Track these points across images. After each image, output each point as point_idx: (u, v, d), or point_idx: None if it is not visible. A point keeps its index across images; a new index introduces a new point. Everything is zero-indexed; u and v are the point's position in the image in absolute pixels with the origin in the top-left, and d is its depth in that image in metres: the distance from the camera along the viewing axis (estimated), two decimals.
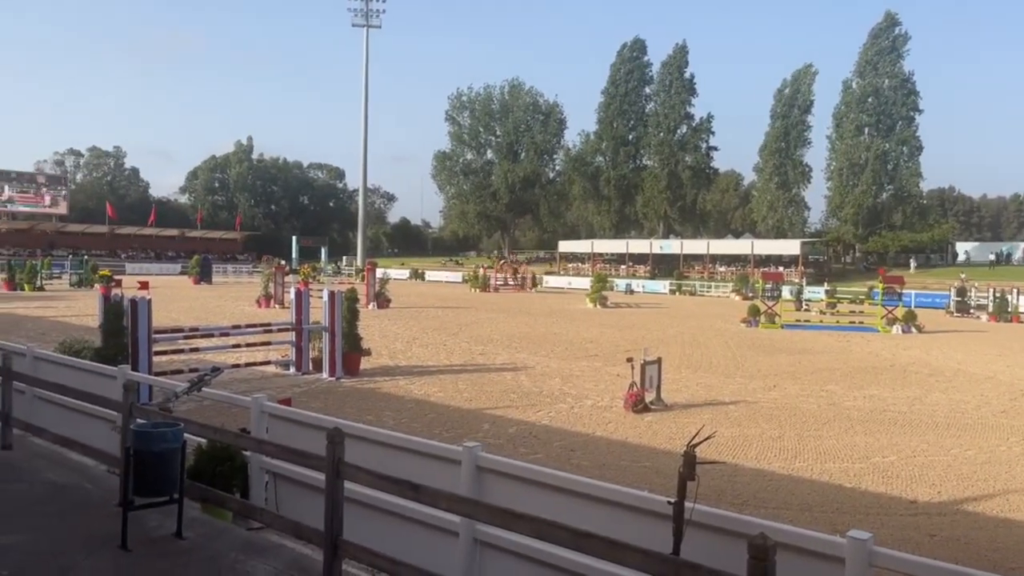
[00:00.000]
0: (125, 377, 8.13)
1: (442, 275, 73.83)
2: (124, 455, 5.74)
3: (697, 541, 3.97)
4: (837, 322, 31.04)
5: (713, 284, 62.37)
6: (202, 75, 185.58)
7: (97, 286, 34.75)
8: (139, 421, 6.07)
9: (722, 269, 69.83)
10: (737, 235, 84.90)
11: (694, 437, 4.42)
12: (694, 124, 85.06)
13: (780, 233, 75.82)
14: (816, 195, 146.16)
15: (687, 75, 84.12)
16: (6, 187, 79.75)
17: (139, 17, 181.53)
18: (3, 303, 31.99)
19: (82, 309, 28.55)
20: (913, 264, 67.44)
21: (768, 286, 31.79)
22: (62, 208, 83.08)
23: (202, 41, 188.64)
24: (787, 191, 77.06)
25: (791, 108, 76.09)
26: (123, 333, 12.45)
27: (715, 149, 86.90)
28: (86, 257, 61.30)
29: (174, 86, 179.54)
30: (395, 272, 65.87)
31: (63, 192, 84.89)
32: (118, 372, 8.58)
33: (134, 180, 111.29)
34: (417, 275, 73.87)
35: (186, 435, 5.79)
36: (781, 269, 58.64)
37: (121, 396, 6.59)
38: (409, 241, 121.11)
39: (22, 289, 40.91)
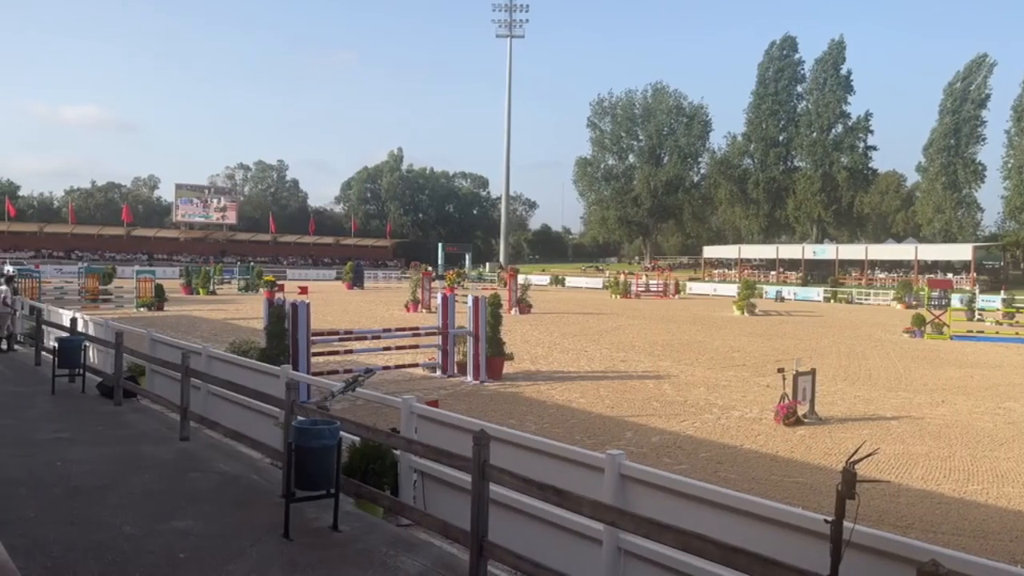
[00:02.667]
0: (287, 376, 8.66)
1: (582, 281, 73.90)
2: (286, 450, 6.11)
3: (857, 564, 3.73)
4: (1016, 334, 28.47)
5: (872, 291, 58.78)
6: (356, 89, 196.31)
7: (262, 291, 37.33)
8: (299, 418, 6.43)
9: (882, 276, 65.86)
10: (899, 239, 79.42)
11: (854, 453, 4.16)
12: (850, 123, 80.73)
13: (948, 237, 70.48)
14: (991, 196, 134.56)
15: (843, 71, 79.99)
16: (185, 200, 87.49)
17: (298, 36, 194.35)
18: (182, 306, 35.08)
19: (249, 312, 30.80)
20: None
21: (935, 294, 29.69)
22: (232, 218, 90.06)
23: (356, 56, 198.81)
24: (956, 192, 71.60)
25: (963, 103, 70.61)
26: (285, 335, 13.30)
27: (874, 148, 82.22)
28: (252, 264, 66.12)
29: (330, 100, 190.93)
30: (536, 278, 66.52)
31: (233, 204, 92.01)
32: (281, 371, 9.16)
33: (294, 191, 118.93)
34: (557, 281, 74.41)
35: (341, 433, 6.08)
36: (950, 276, 54.45)
37: (284, 394, 7.01)
38: (550, 247, 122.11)
39: (197, 293, 44.70)
